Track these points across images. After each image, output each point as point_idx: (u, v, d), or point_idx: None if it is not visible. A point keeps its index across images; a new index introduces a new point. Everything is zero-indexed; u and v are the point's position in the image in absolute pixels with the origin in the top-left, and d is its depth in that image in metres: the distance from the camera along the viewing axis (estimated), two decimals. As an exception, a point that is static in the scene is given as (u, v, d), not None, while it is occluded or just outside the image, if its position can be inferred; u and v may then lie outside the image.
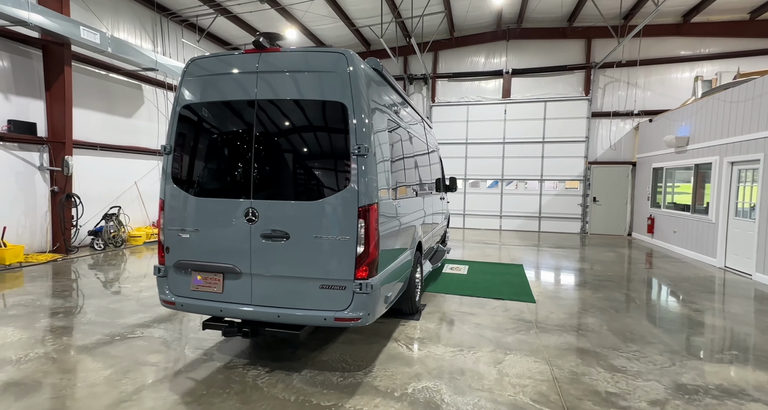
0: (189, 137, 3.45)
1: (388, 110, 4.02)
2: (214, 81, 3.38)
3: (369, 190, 3.18)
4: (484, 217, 14.97)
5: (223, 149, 3.38)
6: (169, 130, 3.52)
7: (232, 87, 3.34)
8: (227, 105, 3.36)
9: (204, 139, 3.43)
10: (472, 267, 7.81)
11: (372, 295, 3.19)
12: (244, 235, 3.28)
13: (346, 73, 3.18)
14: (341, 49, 3.26)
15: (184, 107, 3.47)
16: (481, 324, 4.79)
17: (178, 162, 3.48)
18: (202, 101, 3.41)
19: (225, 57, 3.39)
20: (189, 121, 3.46)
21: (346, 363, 3.67)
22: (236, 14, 12.25)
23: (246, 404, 2.93)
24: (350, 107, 3.16)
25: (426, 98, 15.44)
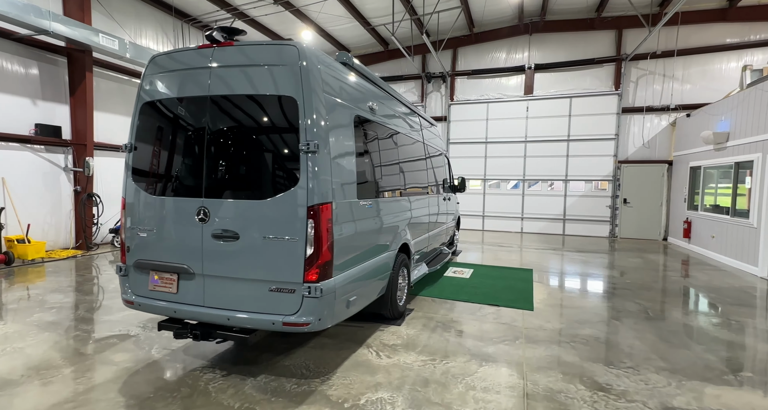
0: (148, 135, 3.45)
1: (358, 106, 3.84)
2: (172, 78, 3.35)
3: (320, 189, 3.03)
4: (505, 219, 14.42)
5: (178, 147, 3.34)
6: (130, 128, 3.54)
7: (188, 83, 3.30)
8: (182, 101, 3.32)
9: (160, 137, 3.41)
10: (476, 271, 7.47)
11: (323, 299, 3.04)
12: (196, 235, 3.22)
13: (298, 67, 3.05)
14: (294, 42, 3.14)
15: (143, 105, 3.47)
16: (465, 331, 4.51)
17: (138, 160, 3.48)
18: (160, 98, 3.40)
19: (182, 53, 3.36)
20: (148, 119, 3.45)
21: (308, 369, 3.53)
22: (253, 18, 12.48)
23: (185, 406, 2.86)
24: (301, 102, 3.02)
25: (444, 96, 15.09)
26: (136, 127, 3.49)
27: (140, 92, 3.49)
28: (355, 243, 3.59)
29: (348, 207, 3.47)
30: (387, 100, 4.82)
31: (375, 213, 4.07)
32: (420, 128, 6.24)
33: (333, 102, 3.32)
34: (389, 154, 4.69)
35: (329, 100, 3.25)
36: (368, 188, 3.96)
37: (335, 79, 3.44)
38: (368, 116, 4.08)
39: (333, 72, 3.43)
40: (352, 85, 3.82)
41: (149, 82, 3.44)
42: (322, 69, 3.22)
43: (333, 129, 3.26)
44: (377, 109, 4.36)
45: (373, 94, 4.36)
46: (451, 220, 8.40)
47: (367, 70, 4.40)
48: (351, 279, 3.49)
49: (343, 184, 3.38)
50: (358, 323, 4.67)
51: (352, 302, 3.54)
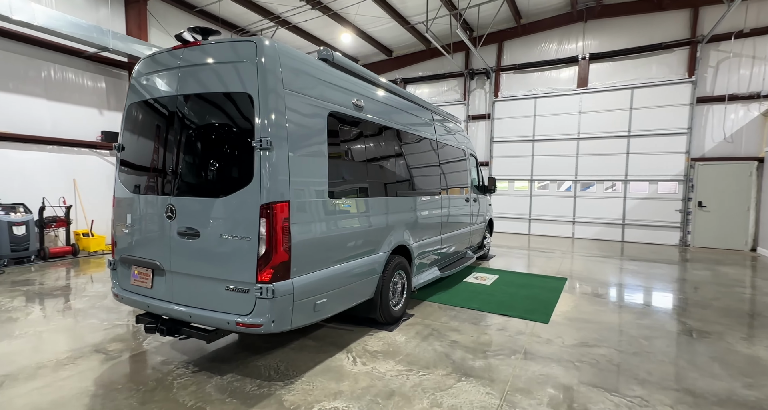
0: (131, 135, 3.63)
1: (336, 103, 3.71)
2: (151, 79, 3.49)
3: (275, 188, 2.95)
4: (554, 223, 13.37)
5: (152, 146, 3.47)
6: (120, 129, 3.76)
7: (162, 84, 3.42)
8: (157, 102, 3.44)
9: (140, 137, 3.56)
10: (501, 278, 6.97)
11: (277, 301, 2.95)
12: (166, 232, 3.31)
13: (255, 63, 3.01)
14: (253, 37, 3.11)
15: (128, 106, 3.66)
16: (458, 342, 4.18)
17: (124, 159, 3.68)
18: (140, 100, 3.56)
19: (161, 55, 3.48)
20: (132, 120, 3.63)
21: (277, 371, 3.47)
22: (295, 24, 12.90)
23: (143, 404, 2.92)
24: (257, 99, 2.98)
25: (489, 93, 14.41)
26: (122, 128, 3.70)
27: (127, 94, 3.69)
28: (326, 243, 3.47)
29: (316, 206, 3.36)
30: (381, 95, 4.63)
31: (357, 213, 3.91)
32: (431, 124, 5.94)
33: (298, 98, 3.23)
34: (381, 152, 4.51)
35: (293, 96, 3.17)
36: (348, 187, 3.82)
37: (305, 76, 3.35)
38: (351, 113, 3.93)
39: (301, 68, 3.35)
40: (330, 81, 3.70)
41: (134, 84, 3.63)
42: (286, 65, 3.15)
43: (296, 126, 3.17)
44: (365, 106, 4.20)
45: (362, 90, 4.21)
46: (479, 222, 7.95)
47: (355, 66, 4.27)
48: (320, 281, 3.37)
49: (308, 183, 3.28)
50: (348, 326, 4.54)
51: (321, 305, 3.42)
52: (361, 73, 4.33)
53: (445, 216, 6.13)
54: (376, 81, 4.64)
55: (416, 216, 5.16)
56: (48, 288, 6.05)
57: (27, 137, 8.57)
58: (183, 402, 2.95)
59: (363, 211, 4.02)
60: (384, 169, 4.51)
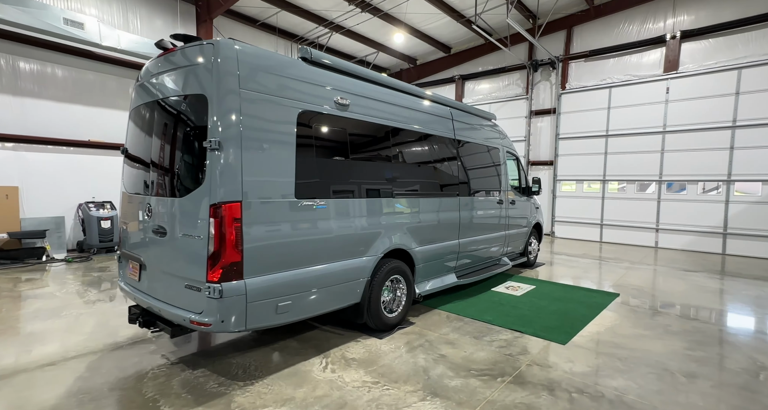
0: (129, 139, 3.96)
1: (311, 101, 3.62)
2: (142, 86, 3.76)
3: (225, 188, 2.98)
4: (632, 230, 11.71)
5: (140, 148, 3.75)
6: (126, 133, 4.12)
7: (147, 90, 3.66)
8: (143, 107, 3.70)
9: (134, 140, 3.87)
10: (537, 289, 6.29)
11: (225, 302, 2.97)
12: (145, 229, 3.55)
13: (211, 64, 3.08)
14: (213, 40, 3.18)
15: (130, 112, 3.99)
16: (446, 356, 3.83)
17: (126, 161, 4.03)
18: (135, 106, 3.86)
19: (150, 63, 3.74)
20: (130, 125, 3.96)
21: (245, 370, 3.51)
22: (349, 28, 13.19)
23: (110, 390, 3.14)
24: (211, 99, 3.04)
25: (554, 85, 13.19)
26: (126, 132, 4.05)
27: (130, 101, 4.05)
28: (292, 245, 3.41)
29: (279, 207, 3.32)
30: (376, 92, 4.43)
31: (335, 215, 3.79)
32: (447, 121, 5.56)
33: (260, 98, 3.22)
34: (372, 152, 4.33)
35: (253, 96, 3.17)
36: (324, 188, 3.72)
37: (269, 75, 3.33)
38: (331, 111, 3.82)
39: (265, 68, 3.32)
40: (304, 80, 3.63)
41: (134, 92, 3.96)
42: (246, 65, 3.17)
43: (255, 126, 3.17)
44: (353, 103, 4.06)
45: (349, 88, 4.07)
46: (520, 227, 7.29)
47: (343, 64, 4.15)
48: (283, 283, 3.33)
49: (270, 183, 3.25)
50: (340, 330, 4.45)
51: (286, 307, 3.37)
52: (350, 70, 4.21)
53: (466, 220, 5.71)
54: (371, 78, 4.48)
55: (420, 218, 4.88)
56: (111, 275, 6.93)
57: (117, 145, 9.97)
58: (144, 392, 3.12)
59: (343, 213, 3.89)
60: (375, 169, 4.32)
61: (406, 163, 4.76)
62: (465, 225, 5.69)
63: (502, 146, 6.90)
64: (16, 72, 9.27)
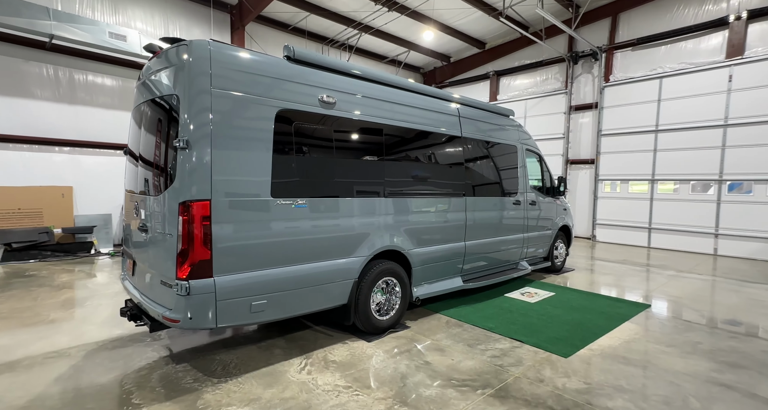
0: (129, 138, 4.16)
1: (291, 99, 3.59)
2: (138, 87, 3.94)
3: (193, 186, 3.02)
4: (686, 235, 10.60)
5: (133, 147, 3.93)
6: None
7: (138, 93, 3.84)
8: (136, 110, 3.88)
9: (130, 140, 4.07)
10: (555, 296, 5.86)
11: (193, 299, 3.01)
12: (135, 226, 3.72)
13: (184, 64, 3.15)
14: (187, 40, 3.25)
15: (132, 113, 4.20)
16: (431, 364, 3.64)
17: (126, 159, 4.23)
18: (134, 106, 4.06)
19: (144, 67, 3.91)
20: (130, 124, 4.16)
21: (224, 367, 3.55)
22: (378, 28, 13.17)
23: (98, 376, 3.33)
24: (182, 99, 3.11)
25: (597, 78, 12.31)
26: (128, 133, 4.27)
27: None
28: (267, 244, 3.40)
29: (253, 205, 3.33)
30: (368, 90, 4.31)
31: (316, 214, 3.74)
32: (452, 118, 5.32)
33: (234, 97, 3.25)
34: (360, 150, 4.24)
35: (226, 95, 3.20)
36: (305, 187, 3.68)
37: (244, 74, 3.33)
38: (314, 109, 3.78)
39: (240, 67, 3.33)
40: (284, 78, 3.60)
41: (134, 94, 4.17)
42: (220, 64, 3.20)
43: (228, 125, 3.20)
44: (340, 101, 3.99)
45: (336, 85, 4.00)
46: (543, 229, 6.87)
47: (329, 60, 4.10)
48: (257, 282, 3.33)
49: (244, 182, 3.27)
50: (331, 330, 4.40)
51: (260, 306, 3.37)
52: (338, 67, 4.16)
53: (474, 221, 5.44)
54: (364, 75, 4.40)
55: (418, 219, 4.71)
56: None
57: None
58: (123, 383, 3.25)
59: (326, 213, 3.83)
60: (364, 168, 4.22)
61: (401, 163, 4.61)
62: (473, 227, 5.43)
63: (520, 144, 6.52)
64: (71, 83, 10.22)
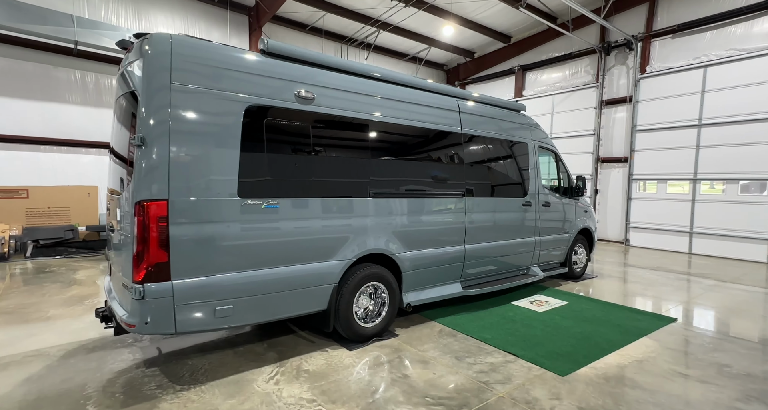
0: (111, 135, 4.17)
1: (262, 94, 3.43)
2: (116, 81, 3.93)
3: (148, 185, 2.91)
4: (734, 241, 9.62)
5: (111, 144, 3.95)
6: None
7: (117, 86, 3.78)
8: (115, 103, 3.84)
9: (111, 136, 4.08)
10: (568, 306, 5.40)
11: (148, 302, 2.90)
12: (108, 226, 3.71)
13: (143, 59, 3.05)
14: (150, 33, 3.17)
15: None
16: (409, 377, 3.38)
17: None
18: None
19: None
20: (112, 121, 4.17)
21: (193, 373, 3.44)
22: (397, 25, 12.96)
23: (63, 382, 3.32)
24: (140, 94, 3.01)
25: (632, 69, 11.47)
26: None
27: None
28: (232, 246, 3.25)
29: (216, 206, 3.17)
30: (353, 85, 4.09)
31: (290, 215, 3.56)
32: (451, 113, 5.00)
33: (197, 92, 3.11)
34: (342, 148, 4.03)
35: (187, 90, 3.06)
36: (277, 186, 3.52)
37: (209, 68, 3.19)
38: (289, 105, 3.60)
39: (205, 61, 3.19)
40: (255, 72, 3.44)
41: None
42: (182, 58, 3.08)
43: (189, 121, 3.07)
44: (320, 96, 3.81)
45: (316, 80, 3.81)
46: (559, 233, 6.41)
47: (308, 54, 3.91)
48: (221, 286, 3.20)
49: (206, 181, 3.13)
50: (315, 336, 4.24)
51: (225, 312, 3.23)
52: (318, 61, 3.97)
53: (475, 223, 5.11)
54: (347, 68, 4.20)
55: (408, 221, 4.45)
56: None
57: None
58: (86, 387, 3.20)
59: (302, 214, 3.66)
60: (346, 167, 3.99)
61: (389, 161, 4.36)
62: (474, 230, 5.09)
63: (532, 141, 6.09)
64: (97, 87, 10.71)
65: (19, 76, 9.62)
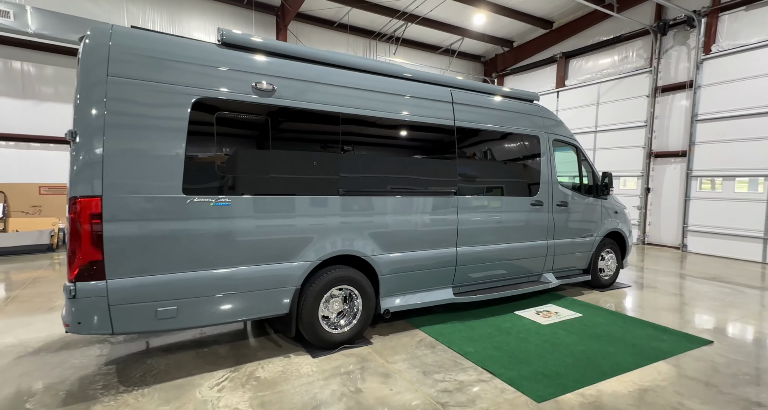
0: None
1: (216, 87, 3.33)
2: None
3: (81, 181, 2.90)
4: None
5: None
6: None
7: None
8: None
9: None
10: (580, 319, 4.80)
11: (81, 302, 2.88)
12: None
13: (81, 52, 3.03)
14: (98, 24, 3.16)
15: None
16: (362, 392, 3.11)
17: None
18: None
19: None
20: None
21: (144, 375, 3.38)
22: (424, 16, 12.59)
23: (21, 376, 3.44)
24: (77, 87, 2.99)
25: (694, 50, 10.19)
26: None
27: None
28: (177, 245, 3.18)
29: (157, 203, 3.10)
30: (317, 74, 3.87)
31: (244, 213, 3.42)
32: (447, 103, 4.63)
33: (138, 85, 3.04)
34: (309, 143, 3.84)
35: (127, 82, 3.01)
36: (230, 183, 3.40)
37: (152, 60, 3.13)
38: (246, 97, 3.47)
39: (150, 52, 3.13)
40: (206, 64, 3.33)
41: None
42: (121, 50, 3.03)
43: (127, 115, 3.01)
44: (279, 88, 3.63)
45: (275, 70, 3.64)
46: (579, 236, 5.79)
47: (268, 44, 3.73)
48: (163, 286, 3.13)
49: (146, 177, 3.07)
50: (284, 340, 4.10)
51: (168, 313, 3.16)
52: (280, 51, 3.80)
53: (470, 224, 4.70)
54: (316, 58, 3.99)
55: (385, 221, 4.16)
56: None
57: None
58: (39, 381, 3.27)
59: (257, 212, 3.51)
60: (310, 162, 3.78)
61: (362, 157, 4.10)
62: (468, 231, 4.69)
63: (546, 133, 5.52)
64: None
65: (66, 79, 10.52)
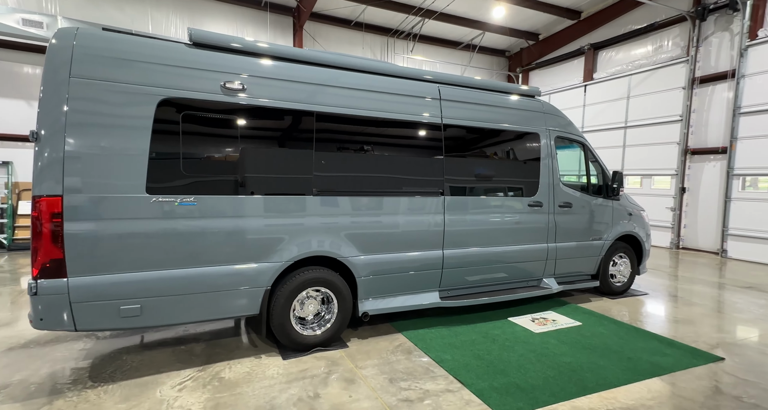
0: None
1: (183, 87, 3.38)
2: None
3: (43, 180, 3.00)
4: None
5: None
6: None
7: None
8: None
9: None
10: (577, 328, 4.51)
11: (42, 299, 2.99)
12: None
13: (47, 53, 3.12)
14: (67, 27, 3.28)
15: None
16: (320, 397, 3.05)
17: None
18: None
19: None
20: None
21: (115, 370, 3.47)
22: (441, 12, 12.37)
23: (12, 364, 3.63)
24: (41, 88, 3.08)
25: (738, 36, 9.39)
26: None
27: None
28: (140, 245, 3.24)
29: (120, 202, 3.18)
30: (290, 72, 3.86)
31: (211, 213, 3.44)
32: (434, 100, 4.49)
33: (101, 86, 3.13)
34: (281, 142, 3.82)
35: (89, 83, 3.10)
36: (197, 183, 3.43)
37: (116, 60, 3.21)
38: (213, 97, 3.49)
39: (115, 52, 3.22)
40: (172, 64, 3.39)
41: None
42: (84, 50, 3.13)
43: (89, 114, 3.11)
44: (248, 87, 3.62)
45: (244, 69, 3.64)
46: (585, 239, 5.47)
47: (239, 42, 3.74)
48: (126, 285, 3.20)
49: (108, 176, 3.15)
50: (261, 340, 4.12)
51: (132, 311, 3.22)
52: (250, 49, 3.80)
53: (456, 226, 4.53)
54: (288, 56, 3.97)
55: (363, 222, 4.08)
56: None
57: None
58: (17, 374, 3.43)
59: (225, 212, 3.52)
60: (281, 162, 3.76)
61: (339, 156, 4.04)
62: (456, 233, 4.53)
63: (547, 130, 5.24)
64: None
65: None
